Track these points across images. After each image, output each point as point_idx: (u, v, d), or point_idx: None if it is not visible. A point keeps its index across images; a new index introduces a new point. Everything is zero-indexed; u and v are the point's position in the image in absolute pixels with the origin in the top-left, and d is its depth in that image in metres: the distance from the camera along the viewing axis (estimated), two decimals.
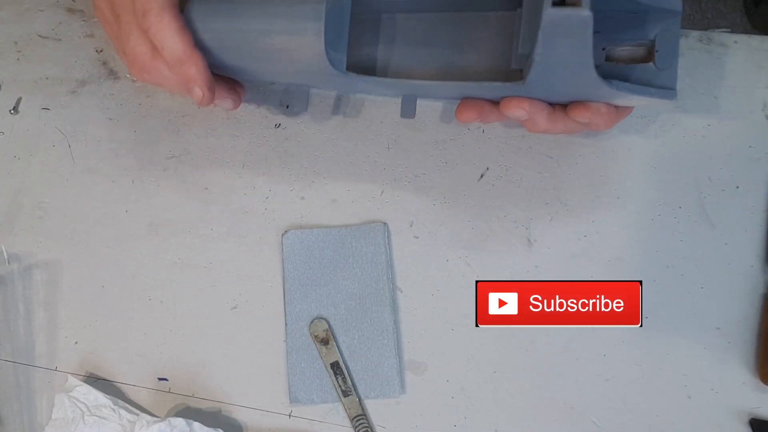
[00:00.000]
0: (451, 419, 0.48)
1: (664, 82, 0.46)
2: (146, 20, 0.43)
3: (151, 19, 0.43)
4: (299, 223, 0.52)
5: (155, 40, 0.44)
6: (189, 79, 0.45)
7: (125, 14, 0.45)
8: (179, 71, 0.45)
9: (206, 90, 0.45)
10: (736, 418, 0.47)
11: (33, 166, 0.54)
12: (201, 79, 0.45)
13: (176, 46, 0.44)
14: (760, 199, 0.52)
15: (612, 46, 0.46)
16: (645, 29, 0.46)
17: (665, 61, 0.46)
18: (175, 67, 0.45)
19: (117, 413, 0.46)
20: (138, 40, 0.45)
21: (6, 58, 0.56)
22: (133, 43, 0.45)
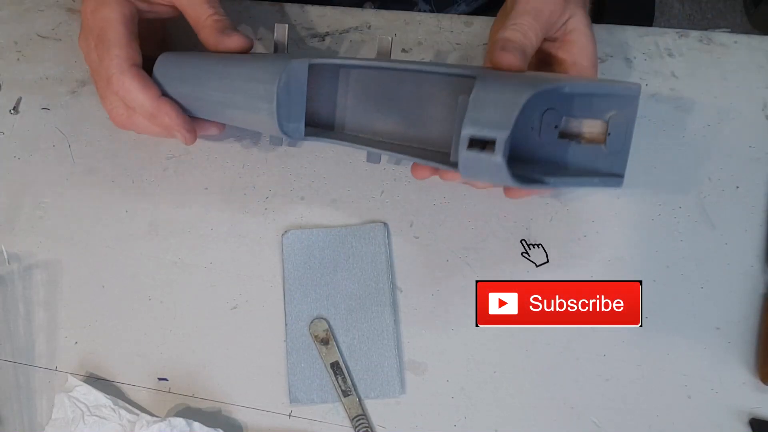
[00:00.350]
0: (451, 419, 0.48)
1: (613, 167, 0.44)
2: (112, 85, 0.46)
3: (115, 84, 0.46)
4: (299, 223, 0.52)
5: (125, 101, 0.47)
6: (166, 127, 0.47)
7: (99, 80, 0.48)
8: (156, 123, 0.47)
9: (186, 133, 0.48)
10: (736, 418, 0.47)
11: (33, 166, 0.54)
12: (177, 124, 0.47)
13: (145, 103, 0.46)
14: (760, 199, 0.52)
15: (565, 121, 0.45)
16: (602, 110, 0.44)
17: (616, 145, 0.44)
18: (151, 120, 0.47)
19: (117, 413, 0.46)
20: (113, 103, 0.48)
21: (6, 58, 0.56)
22: (110, 105, 0.48)
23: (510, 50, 0.44)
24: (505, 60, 0.44)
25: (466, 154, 0.39)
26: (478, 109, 0.39)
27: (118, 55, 0.46)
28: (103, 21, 0.47)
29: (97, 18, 0.47)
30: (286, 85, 0.45)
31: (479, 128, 0.39)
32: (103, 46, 0.46)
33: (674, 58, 0.55)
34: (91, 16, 0.47)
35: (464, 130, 0.39)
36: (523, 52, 0.45)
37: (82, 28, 0.49)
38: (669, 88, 0.55)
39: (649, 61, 0.55)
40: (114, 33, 0.47)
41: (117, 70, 0.46)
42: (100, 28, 0.47)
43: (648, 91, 0.55)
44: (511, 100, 0.39)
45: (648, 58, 0.55)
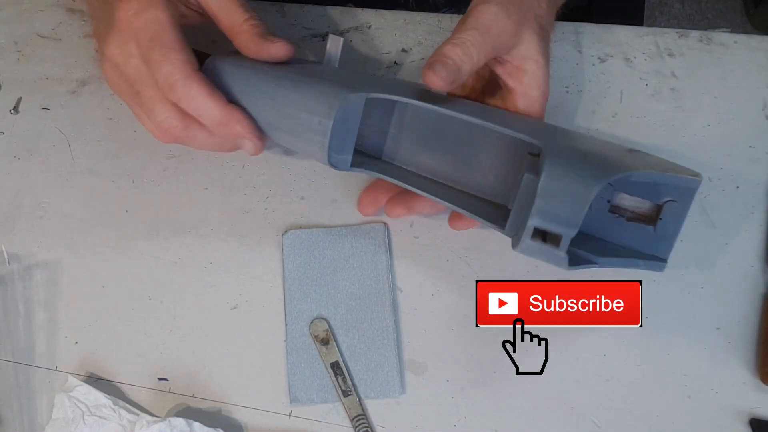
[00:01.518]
0: (451, 419, 0.48)
1: (657, 251, 0.45)
2: (174, 93, 0.42)
3: (180, 91, 0.42)
4: (299, 223, 0.52)
5: (189, 109, 0.43)
6: (236, 135, 0.44)
7: (146, 89, 0.43)
8: (223, 132, 0.44)
9: (256, 140, 0.45)
10: (736, 418, 0.47)
11: (33, 166, 0.54)
12: (248, 131, 0.44)
13: (214, 111, 0.43)
14: (761, 199, 0.52)
15: (619, 197, 0.45)
16: (659, 194, 0.44)
17: (666, 230, 0.44)
18: (218, 129, 0.44)
19: (117, 413, 0.46)
20: (166, 114, 0.43)
21: (6, 58, 0.56)
22: (162, 117, 0.44)
23: (437, 71, 0.43)
24: (430, 81, 0.43)
25: (529, 243, 0.39)
26: (545, 199, 0.39)
27: (180, 59, 0.42)
28: (155, 23, 0.42)
29: (143, 20, 0.42)
30: (341, 119, 0.43)
31: (547, 222, 0.39)
32: (159, 51, 0.42)
33: (674, 58, 0.55)
34: (135, 19, 0.42)
35: (531, 220, 0.39)
36: (456, 71, 0.44)
37: (117, 32, 0.43)
38: (669, 88, 0.55)
39: (649, 61, 0.55)
40: (170, 36, 0.42)
41: (182, 75, 0.42)
42: (153, 31, 0.42)
43: (648, 91, 0.55)
44: (580, 192, 0.38)
45: (648, 58, 0.55)
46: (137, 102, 0.45)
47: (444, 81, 0.43)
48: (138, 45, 0.42)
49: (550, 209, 0.39)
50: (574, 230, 0.38)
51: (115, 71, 0.44)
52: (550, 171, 0.39)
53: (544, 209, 0.39)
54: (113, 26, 0.43)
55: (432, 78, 0.43)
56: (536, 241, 0.39)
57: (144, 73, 0.43)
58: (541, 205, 0.39)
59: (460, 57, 0.44)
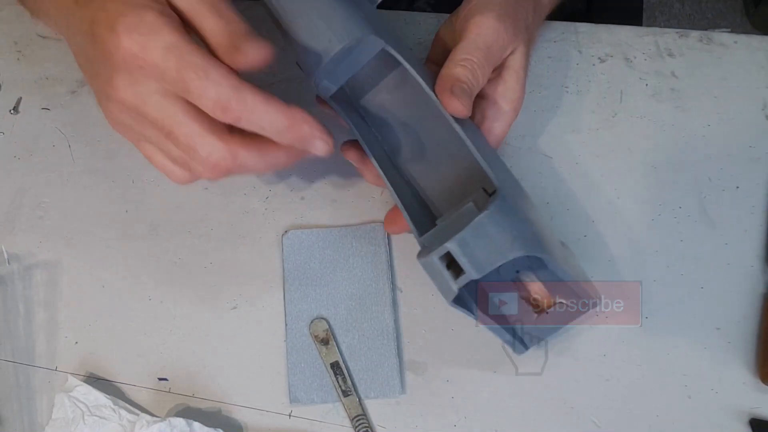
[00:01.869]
0: (451, 419, 0.48)
1: (527, 337, 0.46)
2: (230, 113, 0.37)
3: (236, 109, 0.37)
4: (299, 223, 0.52)
5: (250, 124, 0.38)
6: (305, 137, 0.40)
7: (180, 126, 0.38)
8: (291, 137, 0.39)
9: (327, 137, 0.40)
10: (736, 418, 0.47)
11: (33, 166, 0.54)
12: (318, 129, 0.40)
13: (278, 117, 0.38)
14: (761, 199, 0.52)
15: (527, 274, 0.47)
16: (560, 292, 0.46)
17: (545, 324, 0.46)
18: (285, 136, 0.39)
19: (117, 413, 0.46)
20: (211, 147, 0.38)
21: (6, 58, 0.56)
22: (207, 151, 0.38)
23: (459, 95, 0.42)
24: (453, 108, 0.42)
25: (435, 261, 0.40)
26: (473, 234, 0.39)
27: (221, 72, 0.37)
28: (172, 49, 0.36)
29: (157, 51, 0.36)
30: (349, 50, 0.42)
31: (461, 254, 0.39)
32: (195, 75, 0.36)
33: (674, 58, 0.55)
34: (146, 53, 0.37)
35: (450, 243, 0.39)
36: (470, 95, 0.43)
37: (124, 71, 0.37)
38: (669, 88, 0.55)
39: (649, 61, 0.55)
40: (197, 53, 0.37)
41: (232, 90, 0.37)
42: (175, 58, 0.36)
43: (648, 91, 0.55)
44: (504, 248, 0.39)
45: (648, 58, 0.55)
46: (167, 143, 0.40)
47: (466, 108, 0.42)
48: (162, 79, 0.37)
49: (471, 245, 0.39)
50: (478, 275, 0.39)
51: (129, 114, 0.39)
52: (491, 214, 0.40)
53: (466, 242, 0.39)
54: (115, 66, 0.37)
55: (456, 105, 0.42)
56: (441, 263, 0.40)
57: (172, 109, 0.38)
58: (466, 236, 0.39)
59: (471, 81, 0.43)
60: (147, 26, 0.36)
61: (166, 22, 0.37)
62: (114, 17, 0.37)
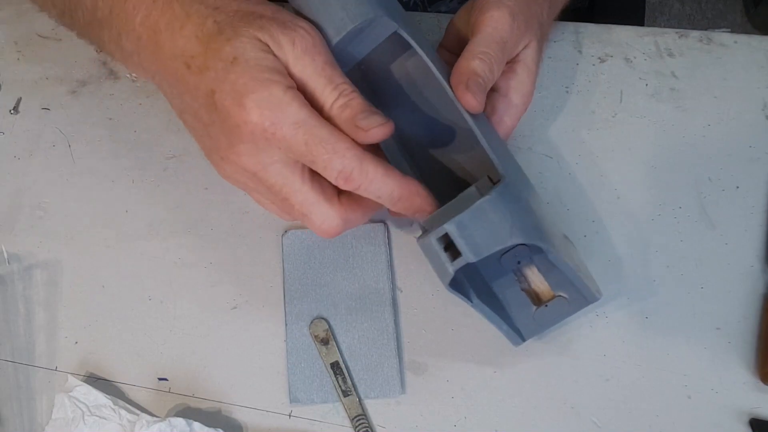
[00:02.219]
0: (451, 419, 0.48)
1: (525, 328, 0.47)
2: (351, 183, 0.39)
3: (357, 180, 0.39)
4: (299, 223, 0.52)
5: (368, 193, 0.40)
6: (415, 209, 0.42)
7: (296, 194, 0.40)
8: (402, 207, 0.41)
9: (432, 207, 0.42)
10: (736, 418, 0.47)
11: (33, 166, 0.54)
12: (428, 203, 0.42)
13: (394, 190, 0.40)
14: (761, 199, 0.52)
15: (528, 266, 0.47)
16: (560, 285, 0.46)
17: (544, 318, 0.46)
18: (398, 206, 0.41)
19: (117, 413, 0.46)
20: (325, 215, 0.41)
21: (6, 58, 0.56)
22: (321, 219, 0.41)
23: (474, 90, 0.42)
24: (467, 102, 0.42)
25: (433, 242, 0.40)
26: (472, 218, 0.39)
27: (346, 145, 0.38)
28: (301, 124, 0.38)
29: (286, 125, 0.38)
30: (361, 30, 0.42)
31: (459, 235, 0.39)
32: (323, 148, 0.38)
33: (674, 58, 0.55)
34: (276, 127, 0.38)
35: (448, 225, 0.39)
36: (485, 90, 0.43)
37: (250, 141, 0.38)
38: (669, 88, 0.55)
39: (649, 61, 0.55)
40: (322, 126, 0.38)
41: (356, 163, 0.38)
42: (304, 133, 0.38)
43: (648, 91, 0.55)
44: (503, 235, 0.39)
45: (648, 58, 0.55)
46: (283, 208, 0.42)
47: (480, 104, 0.43)
48: (288, 150, 0.38)
49: (470, 228, 0.39)
50: (474, 258, 0.39)
51: (246, 175, 0.41)
52: (493, 200, 0.40)
53: (465, 225, 0.39)
54: (241, 137, 0.38)
55: (470, 100, 0.42)
56: (439, 245, 0.40)
57: (291, 177, 0.40)
58: (465, 219, 0.39)
59: (487, 75, 0.43)
60: (276, 102, 0.37)
61: (293, 96, 0.38)
62: (242, 92, 0.37)
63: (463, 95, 0.42)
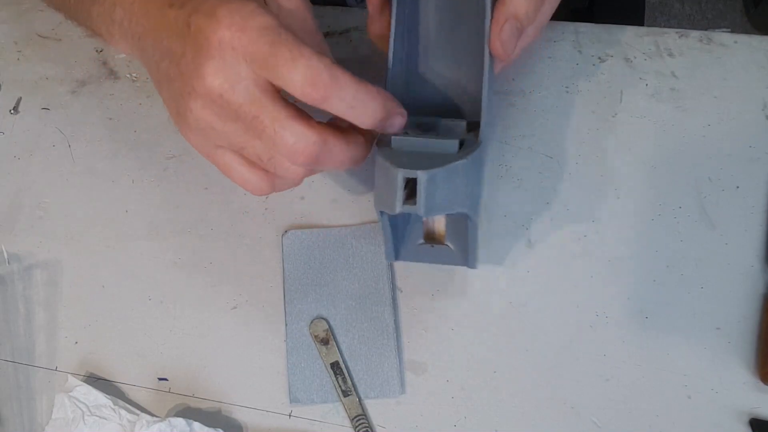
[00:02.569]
0: (451, 419, 0.48)
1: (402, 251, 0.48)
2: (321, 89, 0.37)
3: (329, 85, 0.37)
4: (299, 223, 0.52)
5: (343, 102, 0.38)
6: (390, 113, 0.40)
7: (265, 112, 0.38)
8: (377, 115, 0.40)
9: (404, 111, 0.41)
10: (736, 418, 0.47)
11: (33, 166, 0.54)
12: (398, 104, 0.41)
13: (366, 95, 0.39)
14: (761, 199, 0.52)
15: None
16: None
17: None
18: (371, 113, 0.39)
19: (117, 413, 0.46)
20: (299, 133, 0.38)
21: (6, 58, 0.56)
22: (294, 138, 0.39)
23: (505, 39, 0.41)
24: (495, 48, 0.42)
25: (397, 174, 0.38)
26: (443, 178, 0.39)
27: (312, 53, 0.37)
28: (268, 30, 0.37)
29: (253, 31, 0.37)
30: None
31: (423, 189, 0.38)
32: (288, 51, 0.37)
33: (674, 58, 0.55)
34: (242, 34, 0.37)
35: (421, 173, 0.38)
36: (519, 34, 0.42)
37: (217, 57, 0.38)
38: (669, 88, 0.55)
39: (649, 61, 0.55)
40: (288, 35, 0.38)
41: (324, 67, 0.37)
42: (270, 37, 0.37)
43: (648, 91, 0.55)
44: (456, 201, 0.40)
45: (648, 58, 0.55)
46: (248, 140, 0.40)
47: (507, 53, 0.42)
48: (253, 60, 0.37)
49: (436, 184, 0.39)
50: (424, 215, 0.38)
51: (212, 109, 0.39)
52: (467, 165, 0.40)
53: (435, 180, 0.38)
54: (208, 53, 0.38)
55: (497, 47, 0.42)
56: (402, 182, 0.38)
57: (259, 95, 0.38)
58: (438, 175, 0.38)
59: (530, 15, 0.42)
60: (248, 11, 0.38)
61: (266, 11, 0.38)
62: (216, 5, 0.38)
63: (494, 41, 0.42)
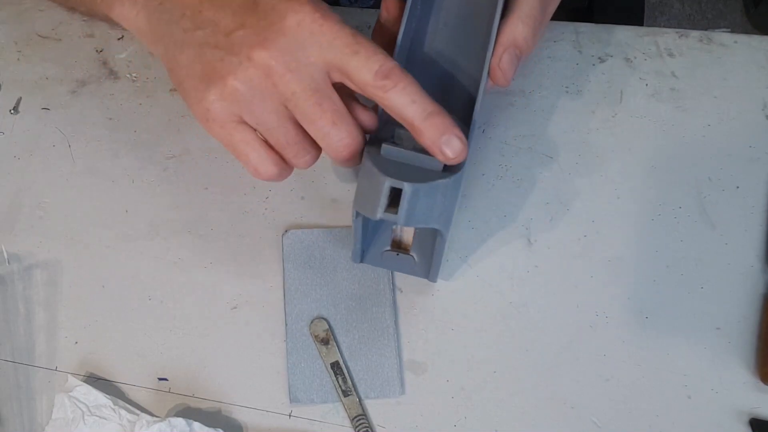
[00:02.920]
0: (451, 419, 0.48)
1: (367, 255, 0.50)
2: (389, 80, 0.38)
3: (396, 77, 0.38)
4: (299, 223, 0.52)
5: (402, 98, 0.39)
6: (446, 128, 0.39)
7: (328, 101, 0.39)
8: (432, 123, 0.39)
9: (464, 138, 0.40)
10: (736, 418, 0.47)
11: (33, 166, 0.54)
12: (454, 125, 0.40)
13: (427, 100, 0.39)
14: (761, 199, 0.52)
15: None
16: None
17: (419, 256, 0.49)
18: (427, 119, 0.39)
19: (117, 413, 0.46)
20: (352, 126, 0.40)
21: (6, 58, 0.56)
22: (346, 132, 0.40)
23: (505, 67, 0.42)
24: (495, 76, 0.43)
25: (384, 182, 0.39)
26: (425, 193, 0.40)
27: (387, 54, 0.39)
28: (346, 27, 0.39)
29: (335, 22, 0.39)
30: None
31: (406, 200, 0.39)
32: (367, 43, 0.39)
33: (674, 58, 0.55)
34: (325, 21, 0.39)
35: (407, 185, 0.39)
36: (519, 62, 0.43)
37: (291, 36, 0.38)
38: (669, 87, 0.55)
39: (650, 61, 0.55)
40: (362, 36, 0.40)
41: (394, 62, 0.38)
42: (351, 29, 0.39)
43: (648, 91, 0.55)
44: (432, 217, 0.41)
45: (648, 58, 0.55)
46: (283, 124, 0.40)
47: (506, 81, 0.43)
48: (330, 47, 0.38)
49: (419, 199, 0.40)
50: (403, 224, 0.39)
51: (263, 83, 0.39)
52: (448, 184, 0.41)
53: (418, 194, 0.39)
54: (280, 30, 0.38)
55: (497, 76, 0.42)
56: (387, 189, 0.39)
57: (322, 82, 0.39)
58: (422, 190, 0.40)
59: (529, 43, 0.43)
60: (325, 4, 0.40)
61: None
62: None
63: (493, 69, 0.43)
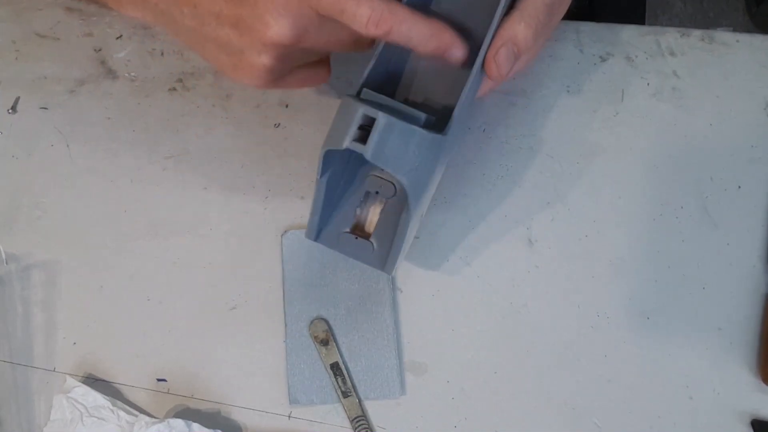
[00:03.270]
0: (452, 420, 0.48)
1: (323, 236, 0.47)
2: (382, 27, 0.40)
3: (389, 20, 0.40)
4: (299, 223, 0.52)
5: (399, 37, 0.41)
6: (447, 45, 0.42)
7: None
8: (433, 45, 0.41)
9: (463, 45, 0.42)
10: (738, 418, 0.47)
11: (31, 166, 0.54)
12: (456, 38, 0.42)
13: (423, 27, 0.41)
14: (762, 199, 0.51)
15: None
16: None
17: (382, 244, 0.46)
18: (429, 43, 0.41)
19: (116, 414, 0.46)
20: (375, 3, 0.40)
21: (4, 58, 0.56)
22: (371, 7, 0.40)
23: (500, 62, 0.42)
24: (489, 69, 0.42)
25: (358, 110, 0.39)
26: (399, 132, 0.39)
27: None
28: None
29: None
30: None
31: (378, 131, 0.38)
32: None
33: (676, 57, 0.55)
34: None
35: (381, 115, 0.38)
36: (516, 60, 0.43)
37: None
38: (670, 87, 0.54)
39: (651, 60, 0.55)
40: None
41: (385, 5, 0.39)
42: None
43: (649, 91, 0.54)
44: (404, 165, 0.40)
45: (649, 57, 0.55)
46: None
47: (500, 76, 0.43)
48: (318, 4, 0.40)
49: (392, 136, 0.39)
50: (371, 159, 0.38)
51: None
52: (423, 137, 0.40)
53: (392, 129, 0.39)
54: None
55: (491, 69, 0.42)
56: (359, 119, 0.39)
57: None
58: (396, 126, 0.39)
59: (528, 43, 0.43)
60: None
61: None
62: None
63: (488, 61, 0.43)
